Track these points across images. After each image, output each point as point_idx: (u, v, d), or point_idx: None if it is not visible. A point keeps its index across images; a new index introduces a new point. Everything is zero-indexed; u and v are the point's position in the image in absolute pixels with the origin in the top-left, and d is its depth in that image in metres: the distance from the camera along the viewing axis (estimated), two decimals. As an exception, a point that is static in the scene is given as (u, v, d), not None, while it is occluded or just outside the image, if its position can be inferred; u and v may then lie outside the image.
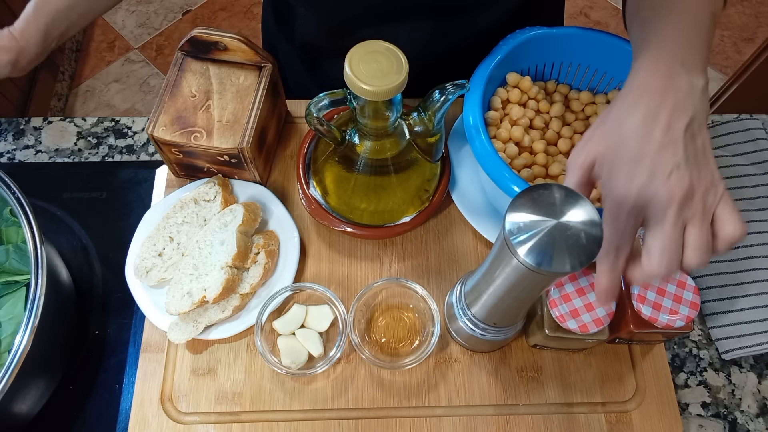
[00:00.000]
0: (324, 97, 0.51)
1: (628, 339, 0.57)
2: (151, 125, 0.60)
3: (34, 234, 0.52)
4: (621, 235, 0.42)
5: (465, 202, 0.65)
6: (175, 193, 0.65)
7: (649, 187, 0.40)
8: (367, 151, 0.56)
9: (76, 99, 1.85)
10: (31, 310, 0.49)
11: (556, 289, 0.52)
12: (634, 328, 0.53)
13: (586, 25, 1.04)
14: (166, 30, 1.99)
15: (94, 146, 0.73)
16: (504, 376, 0.59)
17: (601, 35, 0.63)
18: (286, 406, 0.57)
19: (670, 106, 0.41)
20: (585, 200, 0.39)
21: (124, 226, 0.65)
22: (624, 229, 0.41)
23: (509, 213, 0.39)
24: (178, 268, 0.59)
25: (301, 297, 0.60)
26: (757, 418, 0.59)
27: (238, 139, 0.59)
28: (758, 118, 0.74)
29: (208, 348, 0.60)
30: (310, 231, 0.66)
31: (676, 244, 0.40)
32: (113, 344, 0.61)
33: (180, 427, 0.56)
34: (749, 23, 2.03)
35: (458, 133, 0.68)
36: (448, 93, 0.52)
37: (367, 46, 0.48)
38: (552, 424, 0.57)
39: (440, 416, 0.57)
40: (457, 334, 0.59)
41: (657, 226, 0.40)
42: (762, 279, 0.64)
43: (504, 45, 0.62)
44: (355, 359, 0.59)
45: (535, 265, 0.38)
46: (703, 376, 0.61)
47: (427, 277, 0.63)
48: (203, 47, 0.62)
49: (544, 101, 0.65)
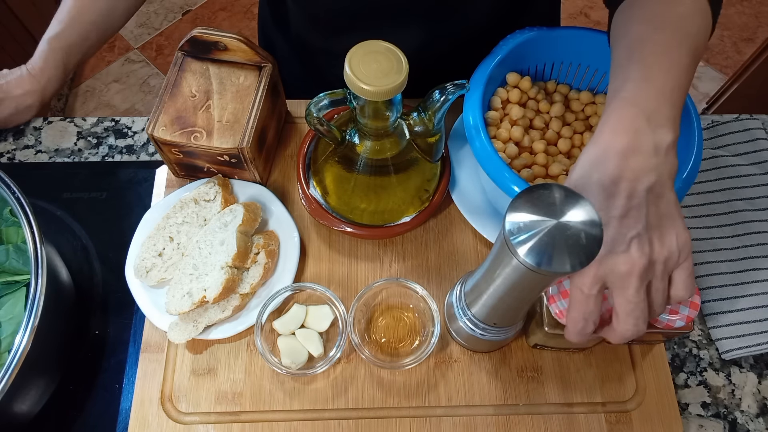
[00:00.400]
0: (324, 97, 0.51)
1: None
2: (151, 125, 0.60)
3: (34, 234, 0.52)
4: (589, 310, 0.43)
5: (465, 202, 0.65)
6: (175, 193, 0.65)
7: (608, 261, 0.41)
8: (367, 151, 0.56)
9: (76, 99, 1.85)
10: (31, 310, 0.49)
11: (554, 286, 0.52)
12: (634, 328, 0.53)
13: (586, 25, 1.04)
14: (166, 30, 1.99)
15: (94, 146, 0.73)
16: (504, 376, 0.59)
17: (601, 35, 0.63)
18: (286, 406, 0.57)
19: (633, 170, 0.42)
20: (585, 200, 0.39)
21: (124, 226, 0.65)
22: (589, 304, 0.43)
23: (509, 213, 0.39)
24: (178, 268, 0.59)
25: (301, 297, 0.60)
26: (757, 418, 0.59)
27: (238, 139, 0.59)
28: (758, 118, 0.74)
29: (208, 348, 0.60)
30: (310, 231, 0.66)
31: (641, 306, 0.42)
32: (113, 344, 0.61)
33: (180, 427, 0.56)
34: (749, 23, 2.03)
35: (458, 133, 0.68)
36: (448, 93, 0.52)
37: (367, 46, 0.48)
38: (552, 424, 0.57)
39: (440, 416, 0.57)
40: (457, 334, 0.59)
41: (621, 291, 0.42)
42: (762, 279, 0.64)
43: (504, 45, 0.62)
44: (355, 359, 0.59)
45: (535, 265, 0.38)
46: (703, 376, 0.61)
47: (427, 277, 0.63)
48: (203, 47, 0.62)
49: (544, 101, 0.65)
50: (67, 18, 0.70)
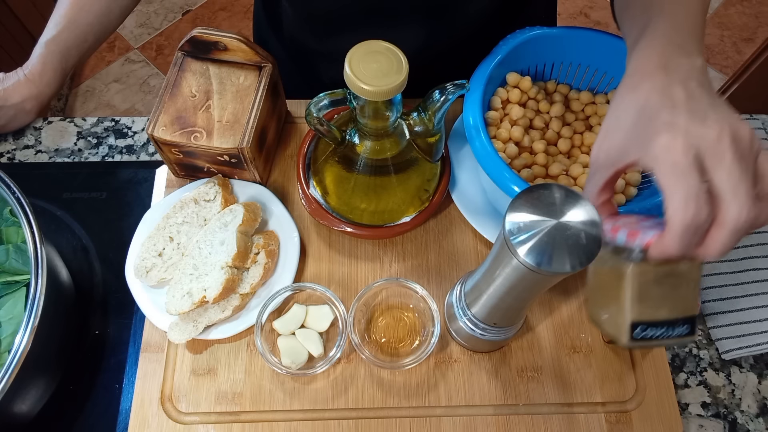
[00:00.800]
0: (324, 97, 0.51)
1: (628, 339, 0.57)
2: (151, 125, 0.60)
3: (34, 234, 0.52)
4: (694, 183, 0.36)
5: (465, 202, 0.65)
6: (175, 193, 0.65)
7: (692, 130, 0.36)
8: (367, 151, 0.56)
9: (76, 99, 1.85)
10: (31, 310, 0.49)
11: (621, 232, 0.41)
12: (634, 328, 0.53)
13: (586, 25, 1.04)
14: (166, 30, 1.99)
15: (94, 146, 0.73)
16: (504, 376, 0.59)
17: (601, 35, 0.63)
18: (286, 406, 0.57)
19: (675, 78, 0.40)
20: (585, 200, 0.39)
21: (124, 226, 0.65)
22: (692, 175, 0.36)
23: (509, 213, 0.39)
24: (178, 268, 0.59)
25: (301, 297, 0.60)
26: (757, 418, 0.59)
27: (238, 139, 0.59)
28: (758, 118, 0.74)
29: (208, 348, 0.60)
30: (310, 231, 0.66)
31: (747, 177, 0.36)
32: (113, 344, 0.61)
33: (180, 427, 0.56)
34: (749, 23, 2.03)
35: (458, 133, 0.68)
36: (448, 93, 0.52)
37: (367, 46, 0.48)
38: (552, 424, 0.57)
39: (440, 416, 0.57)
40: (457, 334, 0.59)
41: (718, 161, 0.36)
42: (762, 279, 0.64)
43: (504, 45, 0.62)
44: (355, 359, 0.59)
45: (535, 265, 0.38)
46: (703, 376, 0.61)
47: (427, 277, 0.63)
48: (203, 47, 0.62)
49: (544, 101, 0.65)
50: (64, 20, 0.69)
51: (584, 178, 0.60)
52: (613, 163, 0.41)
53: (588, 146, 0.63)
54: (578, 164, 0.61)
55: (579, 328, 0.61)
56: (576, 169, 0.60)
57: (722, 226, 0.36)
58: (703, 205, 0.36)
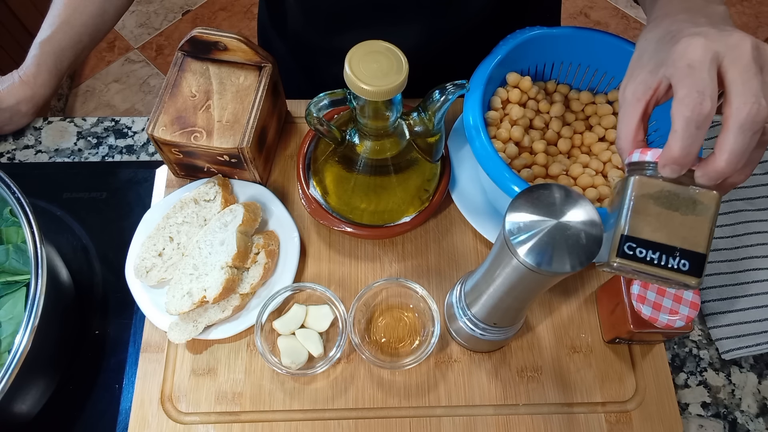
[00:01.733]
0: (324, 97, 0.51)
1: (628, 339, 0.57)
2: (151, 125, 0.60)
3: (34, 234, 0.52)
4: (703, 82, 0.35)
5: (465, 202, 0.65)
6: (175, 193, 0.65)
7: (716, 37, 0.36)
8: (367, 151, 0.56)
9: (76, 99, 1.85)
10: (31, 310, 0.49)
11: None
12: (634, 328, 0.53)
13: (586, 25, 1.04)
14: (166, 30, 1.99)
15: (94, 146, 0.73)
16: (504, 376, 0.59)
17: (601, 35, 0.63)
18: (286, 406, 0.57)
19: (699, 13, 0.40)
20: (585, 200, 0.39)
21: (124, 226, 0.65)
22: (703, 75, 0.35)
23: (509, 213, 0.39)
24: (178, 268, 0.59)
25: (301, 297, 0.60)
26: (757, 418, 0.59)
27: (238, 139, 0.59)
28: (758, 118, 0.74)
29: (208, 348, 0.60)
30: (310, 231, 0.66)
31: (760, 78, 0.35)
32: (113, 344, 0.61)
33: (180, 427, 0.56)
34: (749, 23, 2.02)
35: (458, 133, 0.68)
36: (448, 93, 0.52)
37: (367, 46, 0.48)
38: (552, 424, 0.57)
39: (440, 416, 0.57)
40: (457, 334, 0.59)
41: (737, 61, 0.35)
42: (762, 279, 0.64)
43: (504, 45, 0.62)
44: (355, 359, 0.59)
45: (535, 265, 0.38)
46: (703, 376, 0.61)
47: (427, 277, 0.63)
48: (203, 47, 0.62)
49: (544, 101, 0.65)
50: (59, 21, 0.69)
51: (584, 178, 0.60)
52: (640, 97, 0.40)
53: (588, 146, 0.63)
54: (578, 164, 0.61)
55: (579, 328, 0.61)
56: (576, 169, 0.60)
57: (726, 124, 0.34)
58: (707, 99, 0.34)
